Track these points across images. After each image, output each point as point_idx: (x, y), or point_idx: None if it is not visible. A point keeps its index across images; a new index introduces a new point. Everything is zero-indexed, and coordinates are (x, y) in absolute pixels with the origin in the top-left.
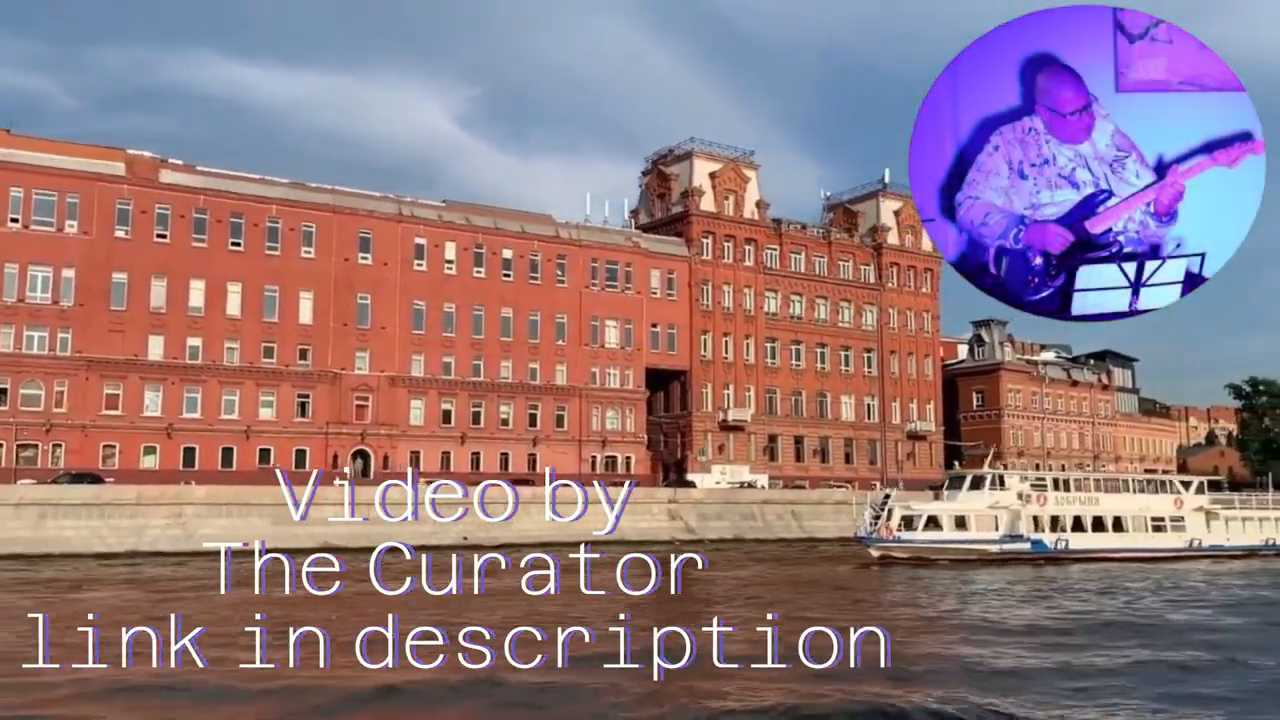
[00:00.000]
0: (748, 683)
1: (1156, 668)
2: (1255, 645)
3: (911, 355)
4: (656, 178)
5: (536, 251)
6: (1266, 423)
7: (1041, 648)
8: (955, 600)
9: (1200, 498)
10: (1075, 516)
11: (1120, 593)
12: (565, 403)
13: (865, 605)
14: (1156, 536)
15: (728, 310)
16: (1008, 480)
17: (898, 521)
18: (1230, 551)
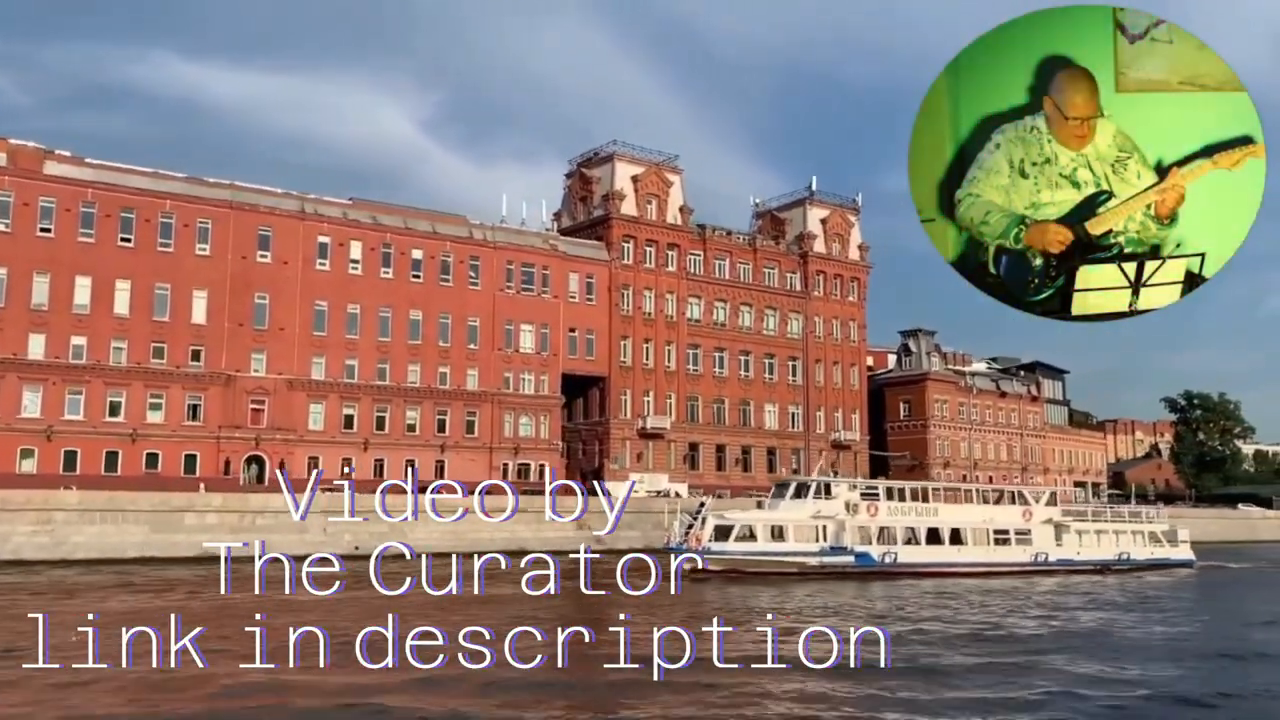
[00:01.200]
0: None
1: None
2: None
3: (837, 364)
4: (579, 180)
5: (448, 252)
6: (1200, 436)
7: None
8: (705, 621)
9: (1051, 510)
10: (908, 528)
11: (901, 618)
12: (476, 408)
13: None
14: (998, 550)
15: (649, 316)
16: (834, 488)
17: (710, 531)
18: (1080, 566)
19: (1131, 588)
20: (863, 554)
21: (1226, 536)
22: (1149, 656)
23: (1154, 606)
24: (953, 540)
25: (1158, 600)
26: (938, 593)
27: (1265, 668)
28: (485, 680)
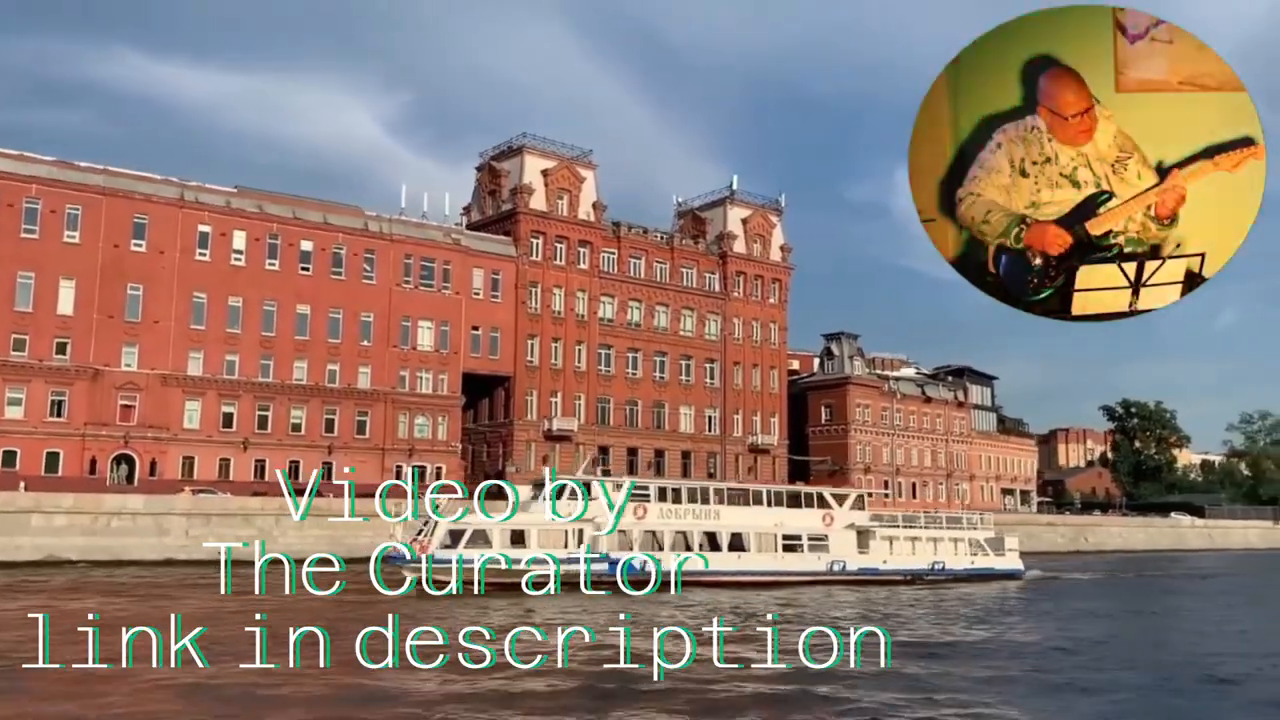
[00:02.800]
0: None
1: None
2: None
3: (756, 366)
4: (488, 174)
5: (341, 244)
6: (1137, 444)
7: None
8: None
9: (856, 514)
10: (679, 533)
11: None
12: (368, 408)
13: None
14: (786, 558)
15: (558, 314)
16: (597, 488)
17: (441, 537)
18: (886, 575)
19: (904, 598)
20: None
21: (1152, 545)
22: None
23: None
24: (733, 546)
25: (899, 615)
26: (680, 605)
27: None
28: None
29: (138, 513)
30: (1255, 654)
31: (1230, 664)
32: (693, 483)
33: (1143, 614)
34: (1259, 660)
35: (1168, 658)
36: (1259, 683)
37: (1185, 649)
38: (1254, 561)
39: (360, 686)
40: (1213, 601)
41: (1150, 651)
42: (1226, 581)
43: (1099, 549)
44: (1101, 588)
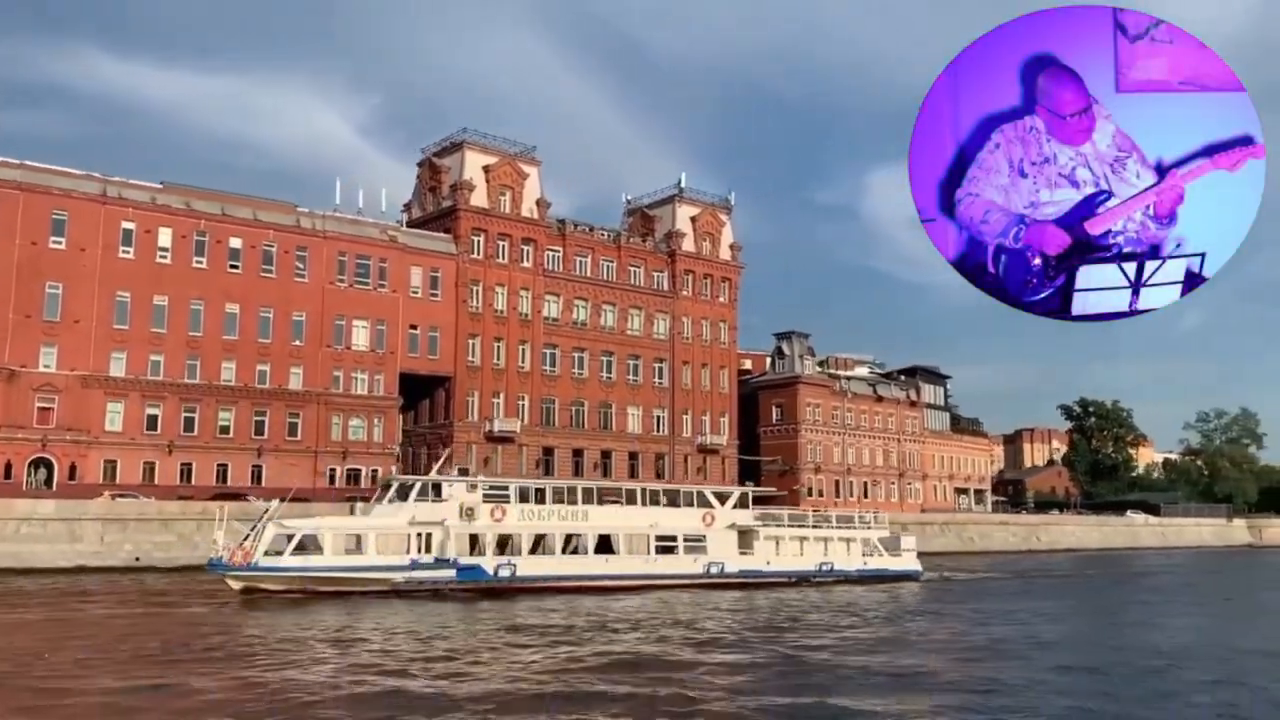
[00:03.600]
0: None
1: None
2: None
3: (706, 366)
4: (428, 170)
5: (272, 241)
6: (1094, 443)
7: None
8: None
9: (738, 513)
10: (538, 535)
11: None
12: (300, 409)
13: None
14: (659, 560)
15: (500, 313)
16: (446, 489)
17: (268, 542)
18: (769, 577)
19: (762, 603)
20: (469, 567)
21: (1107, 544)
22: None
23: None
24: (601, 548)
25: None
26: (522, 613)
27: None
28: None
29: (49, 518)
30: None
31: (1055, 681)
32: (559, 482)
33: (1014, 615)
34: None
35: (1007, 666)
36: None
37: (1033, 655)
38: (1199, 559)
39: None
40: (1111, 598)
41: (993, 660)
42: (1156, 580)
43: (1051, 548)
44: (999, 588)
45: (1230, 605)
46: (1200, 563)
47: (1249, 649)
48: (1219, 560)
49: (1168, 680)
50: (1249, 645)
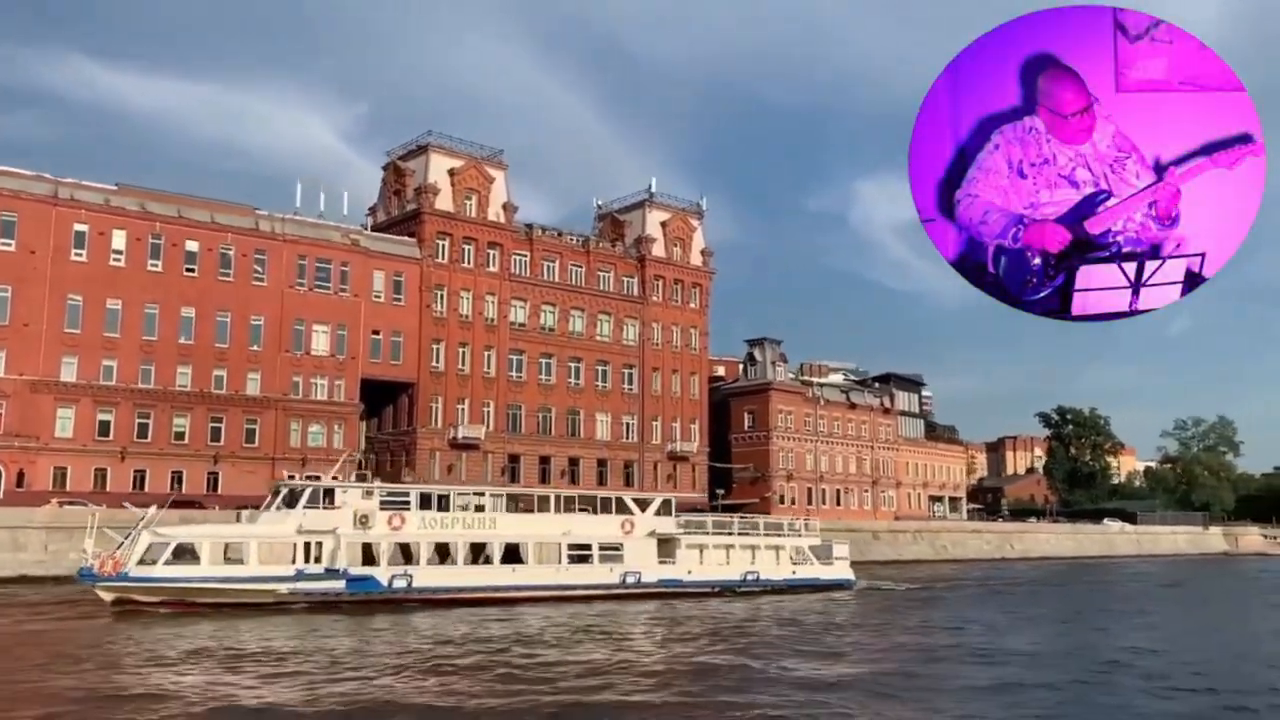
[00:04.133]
0: None
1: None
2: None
3: (676, 372)
4: (393, 173)
5: (230, 245)
6: (1072, 451)
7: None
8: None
9: (660, 520)
10: (440, 544)
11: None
12: (257, 415)
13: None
14: (571, 570)
15: (465, 318)
16: (340, 495)
17: (142, 551)
18: (690, 587)
19: (671, 614)
20: (361, 578)
21: (1081, 552)
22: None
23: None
24: (508, 558)
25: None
26: (409, 628)
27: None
28: None
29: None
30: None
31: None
32: (465, 488)
33: (924, 628)
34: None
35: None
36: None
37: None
38: (1168, 568)
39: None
40: (1050, 607)
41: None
42: (1109, 591)
43: (1025, 556)
44: (937, 598)
45: (1132, 615)
46: (1166, 571)
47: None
48: (1190, 568)
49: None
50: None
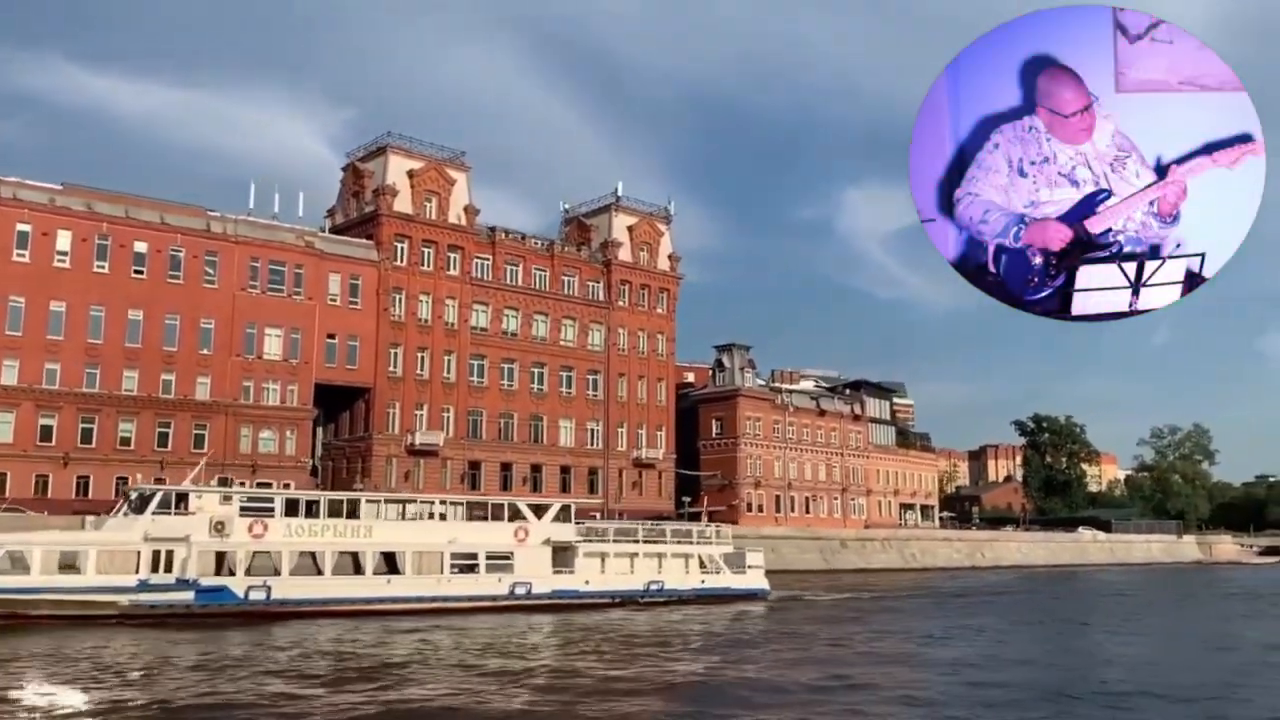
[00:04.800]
0: None
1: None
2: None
3: (643, 378)
4: (352, 175)
5: (180, 246)
6: (1048, 459)
7: None
8: None
9: (557, 527)
10: (306, 553)
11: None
12: (207, 420)
13: None
14: (454, 581)
15: (425, 322)
16: (195, 500)
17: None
18: (587, 598)
19: (542, 629)
20: (214, 589)
21: (1053, 560)
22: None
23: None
24: (384, 568)
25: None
26: (263, 645)
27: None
28: None
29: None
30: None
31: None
32: (338, 494)
33: (842, 637)
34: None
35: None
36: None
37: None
38: (1135, 576)
39: None
40: (978, 618)
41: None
42: (1065, 600)
43: (996, 564)
44: (862, 610)
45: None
46: (1127, 580)
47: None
48: (1155, 577)
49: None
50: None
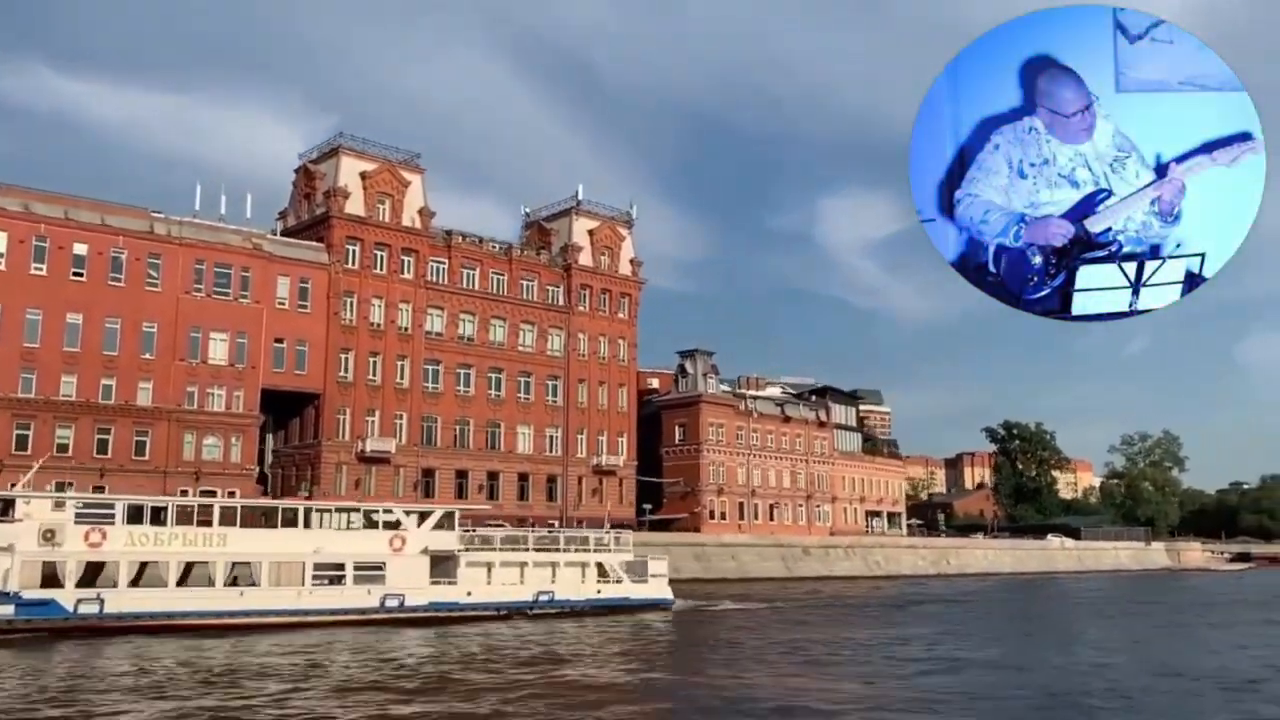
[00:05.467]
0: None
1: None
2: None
3: (604, 384)
4: (303, 176)
5: (122, 248)
6: (1019, 466)
7: None
8: None
9: (438, 535)
10: (145, 564)
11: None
12: (149, 427)
13: None
14: (318, 594)
15: (377, 327)
16: (23, 507)
17: None
18: (468, 611)
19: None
20: (38, 602)
21: (1020, 567)
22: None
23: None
24: (236, 580)
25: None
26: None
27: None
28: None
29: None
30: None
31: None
32: (187, 501)
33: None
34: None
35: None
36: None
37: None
38: (1096, 584)
39: None
40: (904, 629)
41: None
42: (1009, 608)
43: (962, 571)
44: (775, 620)
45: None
46: (1082, 588)
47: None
48: (1114, 585)
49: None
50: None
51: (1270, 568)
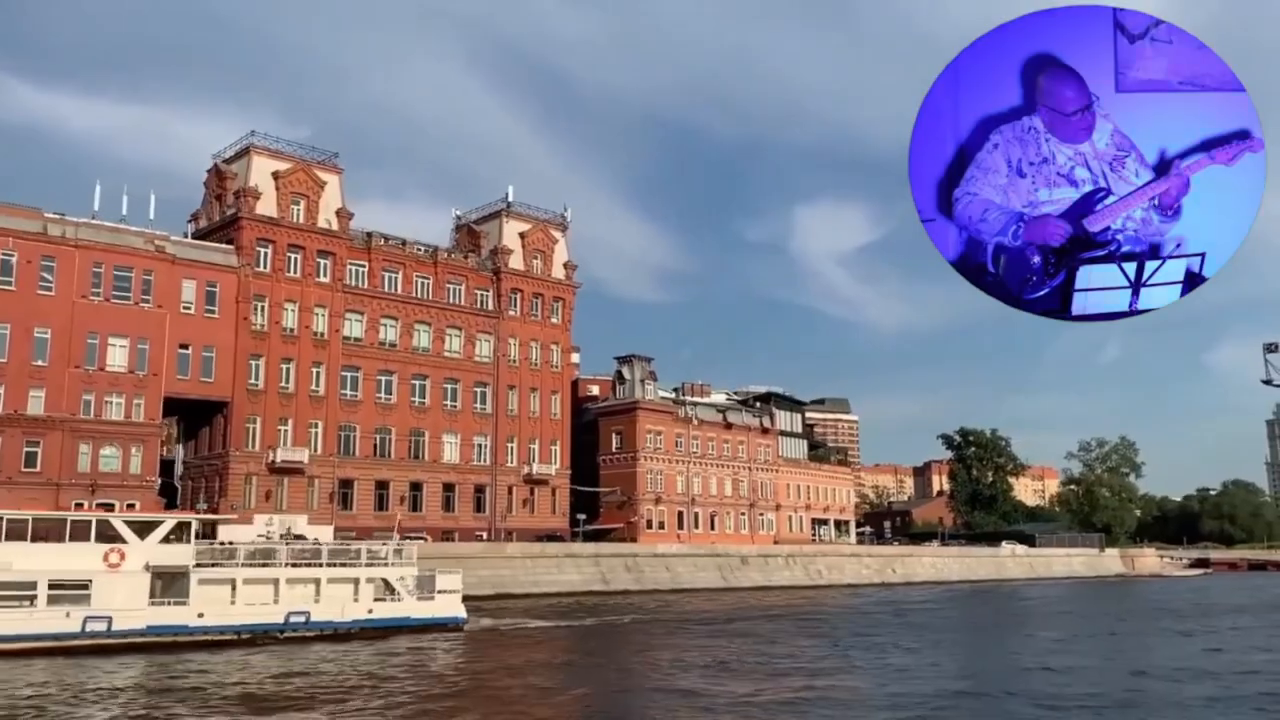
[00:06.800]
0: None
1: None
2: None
3: (535, 391)
4: (215, 177)
5: (12, 250)
6: (975, 473)
7: None
8: None
9: (167, 549)
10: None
11: None
12: (40, 436)
13: None
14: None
15: (290, 332)
16: None
17: None
18: (200, 634)
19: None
20: None
21: (970, 575)
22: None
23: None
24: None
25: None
26: None
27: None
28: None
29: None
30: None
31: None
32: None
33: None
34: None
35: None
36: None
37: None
38: (1036, 591)
39: None
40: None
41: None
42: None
43: (908, 580)
44: (563, 635)
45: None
46: (1029, 594)
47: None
48: (1053, 592)
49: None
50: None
51: (1228, 573)
